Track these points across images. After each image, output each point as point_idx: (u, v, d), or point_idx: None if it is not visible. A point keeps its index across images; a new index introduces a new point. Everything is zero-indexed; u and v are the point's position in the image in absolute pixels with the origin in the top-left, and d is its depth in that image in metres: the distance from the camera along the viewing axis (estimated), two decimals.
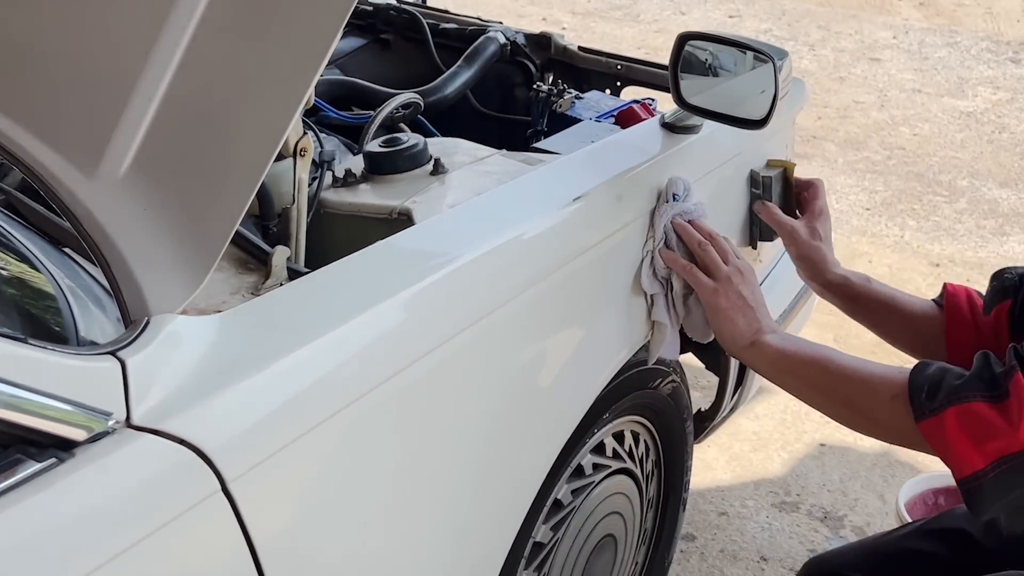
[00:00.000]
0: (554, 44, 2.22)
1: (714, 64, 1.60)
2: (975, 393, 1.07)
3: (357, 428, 0.99)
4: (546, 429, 1.29)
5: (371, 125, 1.69)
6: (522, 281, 1.21)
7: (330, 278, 1.07)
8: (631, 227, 1.41)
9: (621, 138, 1.59)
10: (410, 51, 2.30)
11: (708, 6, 7.53)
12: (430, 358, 1.06)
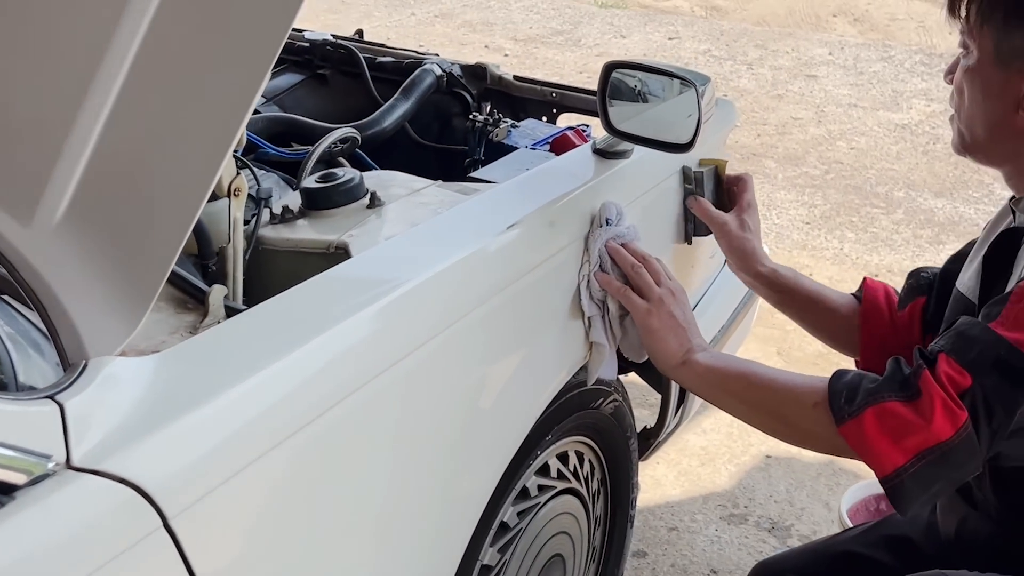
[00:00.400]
0: (489, 74, 2.27)
1: (643, 91, 1.65)
2: (890, 394, 1.12)
3: (298, 460, 1.01)
4: (487, 453, 1.32)
5: (308, 161, 1.72)
6: (460, 308, 1.24)
7: (266, 314, 1.09)
8: (566, 252, 1.45)
9: (554, 165, 1.63)
10: (348, 85, 2.33)
11: (648, 29, 7.65)
12: (368, 389, 1.08)
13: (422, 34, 7.43)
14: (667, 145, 1.52)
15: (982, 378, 1.09)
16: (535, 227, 1.39)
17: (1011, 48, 1.21)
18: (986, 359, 1.10)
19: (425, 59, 2.30)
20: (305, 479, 1.03)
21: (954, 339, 1.14)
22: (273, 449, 0.97)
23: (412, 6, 8.36)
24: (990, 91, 1.25)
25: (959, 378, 1.10)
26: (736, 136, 5.17)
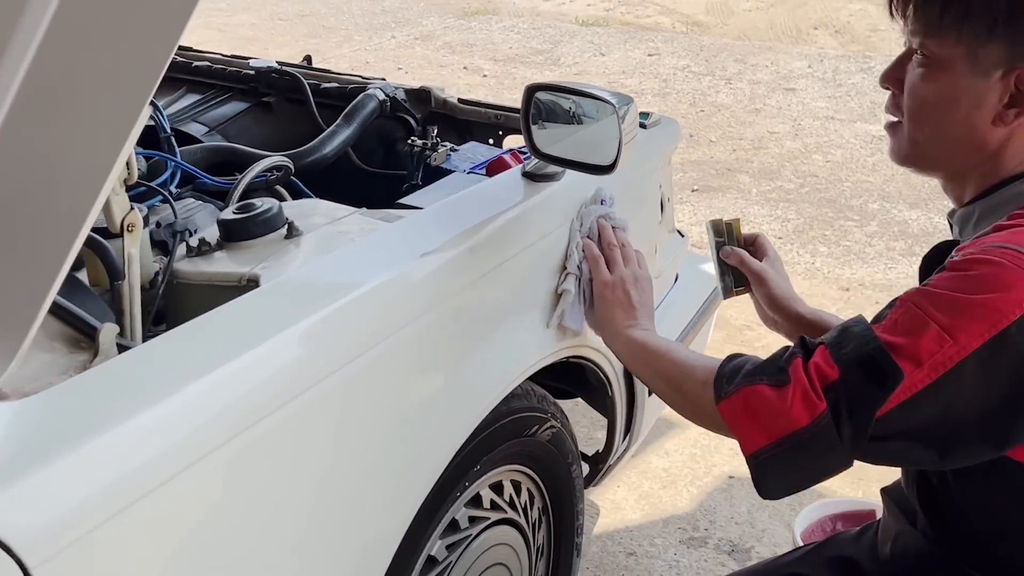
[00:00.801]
0: (434, 98, 2.25)
1: (578, 112, 1.62)
2: (763, 377, 1.14)
3: (177, 504, 0.98)
4: (401, 488, 1.28)
5: (235, 191, 1.69)
6: (365, 341, 1.21)
7: (152, 352, 1.06)
8: (487, 279, 1.42)
9: (480, 189, 1.60)
10: (293, 112, 2.31)
11: (628, 46, 7.65)
12: (257, 429, 1.05)
13: (401, 57, 7.42)
14: (590, 167, 1.50)
15: (848, 374, 1.08)
16: (452, 254, 1.36)
17: (991, 56, 1.14)
18: (856, 356, 1.09)
19: (369, 84, 2.28)
20: (184, 525, 1.00)
21: (838, 333, 1.14)
22: (150, 494, 0.94)
23: (392, 29, 8.36)
24: (961, 101, 1.18)
25: (828, 370, 1.09)
26: (712, 151, 5.16)
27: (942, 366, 1.04)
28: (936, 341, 1.05)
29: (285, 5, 9.38)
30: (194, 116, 2.31)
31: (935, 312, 1.06)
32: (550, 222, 1.57)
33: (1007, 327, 1.03)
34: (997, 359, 1.04)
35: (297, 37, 8.16)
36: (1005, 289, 1.04)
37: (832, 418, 1.07)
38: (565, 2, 9.47)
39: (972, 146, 1.20)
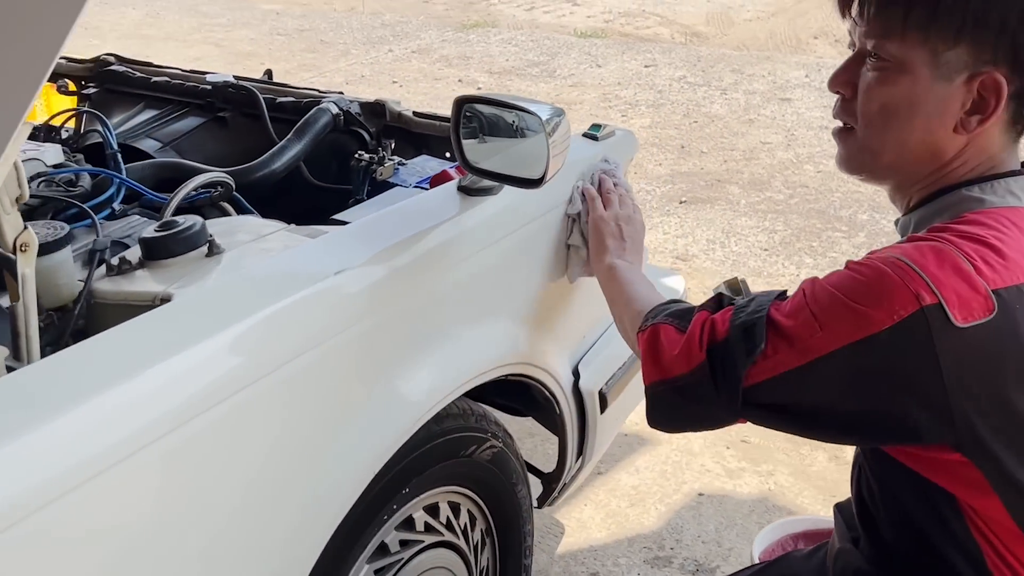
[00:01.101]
0: (388, 111, 2.21)
1: (521, 126, 1.59)
2: (671, 320, 1.24)
3: (61, 530, 0.94)
4: (305, 515, 1.24)
5: (167, 208, 1.66)
6: (270, 361, 1.17)
7: (37, 374, 1.03)
8: (410, 296, 1.39)
9: (412, 204, 1.56)
10: (248, 127, 2.28)
11: (625, 58, 7.63)
12: (144, 454, 1.01)
13: (397, 70, 7.42)
14: (520, 180, 1.46)
15: (731, 334, 1.13)
16: (369, 270, 1.33)
17: (954, 61, 1.10)
18: (744, 323, 1.13)
19: (324, 98, 2.25)
20: (69, 553, 0.96)
21: (750, 299, 1.18)
22: (21, 521, 0.91)
23: (390, 43, 8.37)
24: (923, 107, 1.14)
25: (720, 330, 1.15)
26: (702, 163, 5.11)
27: (810, 352, 1.07)
28: (807, 326, 1.07)
29: (285, 20, 9.41)
30: (149, 132, 2.28)
31: (814, 303, 1.08)
32: (485, 237, 1.53)
33: (875, 334, 1.03)
34: (861, 362, 1.04)
35: (295, 52, 8.16)
36: (880, 298, 1.03)
37: (710, 372, 1.14)
38: (565, 14, 9.47)
39: (929, 153, 1.17)
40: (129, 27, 9.14)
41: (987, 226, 1.08)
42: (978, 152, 1.15)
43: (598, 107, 6.23)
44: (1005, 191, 1.13)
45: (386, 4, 10.09)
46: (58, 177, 1.79)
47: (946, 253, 1.03)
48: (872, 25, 1.15)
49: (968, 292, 1.01)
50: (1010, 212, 1.12)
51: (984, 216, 1.11)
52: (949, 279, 1.01)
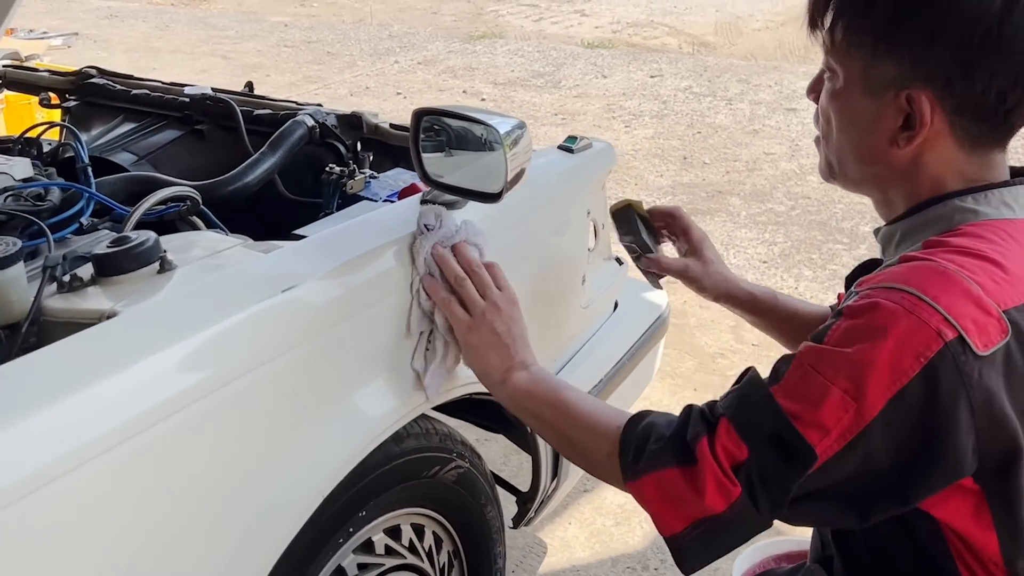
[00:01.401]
0: (365, 123, 2.18)
1: (488, 139, 1.55)
2: (670, 459, 1.08)
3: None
4: (246, 540, 1.20)
5: (127, 223, 1.63)
6: (209, 383, 1.14)
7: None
8: (364, 316, 1.35)
9: (371, 218, 1.53)
10: (224, 140, 2.25)
11: (631, 68, 7.59)
12: (77, 474, 0.98)
13: (402, 82, 7.41)
14: (478, 194, 1.42)
15: (758, 452, 1.02)
16: (321, 288, 1.29)
17: (881, 77, 1.09)
18: (763, 431, 1.03)
19: (301, 110, 2.22)
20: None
21: (737, 402, 1.07)
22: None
23: (397, 54, 8.37)
24: (860, 122, 1.13)
25: (735, 450, 1.04)
26: (704, 174, 5.07)
27: (850, 431, 0.99)
28: (840, 407, 0.99)
29: (293, 32, 9.44)
30: (126, 145, 2.26)
31: (835, 375, 1.00)
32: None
33: (908, 383, 0.97)
34: (901, 417, 0.98)
35: (301, 63, 8.17)
36: (903, 345, 0.97)
37: (748, 496, 1.02)
38: (573, 25, 9.46)
39: (880, 166, 1.14)
40: (138, 40, 9.18)
41: (986, 240, 1.05)
42: (939, 166, 1.11)
43: (602, 118, 6.20)
44: (999, 202, 1.09)
45: (395, 15, 10.11)
46: (26, 191, 1.76)
47: (951, 276, 1.00)
48: (823, 39, 1.14)
49: (983, 317, 0.98)
50: (1006, 224, 1.08)
51: (980, 229, 1.07)
52: (963, 306, 0.98)
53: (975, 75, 1.03)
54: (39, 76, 2.67)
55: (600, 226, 2.01)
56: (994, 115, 1.06)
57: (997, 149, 1.11)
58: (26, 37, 6.82)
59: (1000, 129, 1.08)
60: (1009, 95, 1.04)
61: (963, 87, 1.05)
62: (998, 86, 1.04)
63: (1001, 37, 1.02)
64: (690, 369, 3.09)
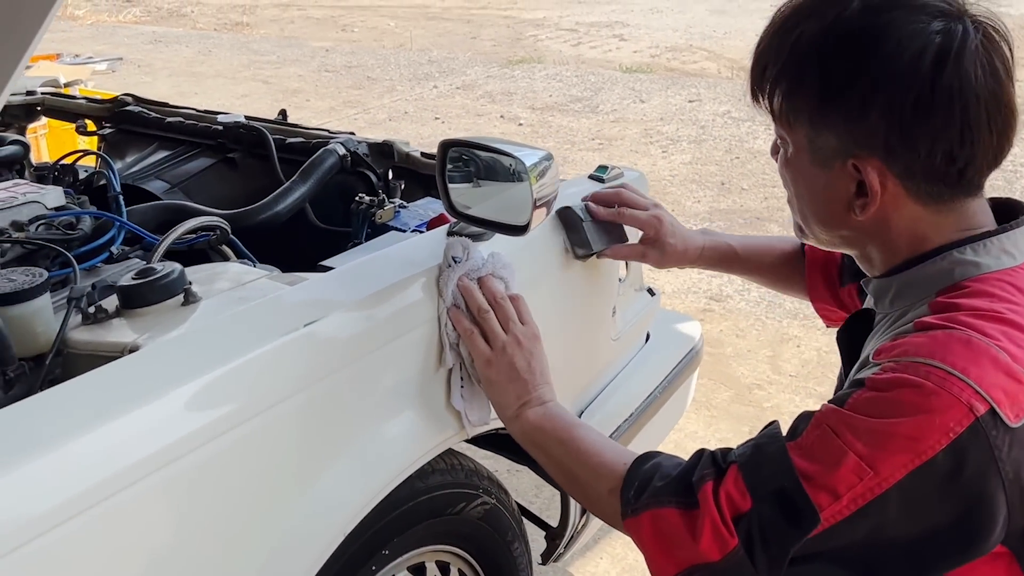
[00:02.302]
0: (396, 152, 2.18)
1: (518, 170, 1.54)
2: (671, 498, 1.06)
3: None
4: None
5: (155, 254, 1.63)
6: (229, 419, 1.12)
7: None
8: (389, 349, 1.33)
9: (398, 250, 1.51)
10: (256, 168, 2.26)
11: (669, 92, 7.57)
12: (98, 509, 0.97)
13: (441, 106, 7.43)
14: (503, 227, 1.40)
15: (761, 506, 1.00)
16: (341, 322, 1.28)
17: (825, 147, 1.06)
18: (770, 486, 1.00)
19: (333, 138, 2.22)
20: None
21: (751, 452, 1.05)
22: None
23: (436, 79, 8.41)
24: (815, 190, 1.11)
25: (739, 500, 1.01)
26: (743, 200, 5.02)
27: (862, 498, 0.96)
28: (855, 473, 0.95)
29: (334, 57, 9.52)
30: (159, 173, 2.27)
31: (854, 440, 0.97)
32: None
33: (933, 457, 0.93)
34: (922, 490, 0.94)
35: (341, 88, 8.24)
36: (929, 417, 0.93)
37: (745, 551, 1.00)
38: (611, 49, 9.46)
39: (845, 229, 1.12)
40: (181, 64, 9.30)
41: (996, 297, 1.01)
42: (910, 224, 1.08)
43: (639, 143, 6.17)
44: (999, 251, 1.05)
45: (434, 40, 10.16)
46: (57, 220, 1.77)
47: (977, 345, 0.96)
48: (766, 113, 1.13)
49: (1013, 386, 0.94)
50: (1009, 275, 1.04)
51: (986, 285, 1.03)
52: (992, 377, 0.94)
53: (915, 141, 1.01)
54: (76, 103, 2.70)
55: None
56: (947, 176, 1.03)
57: (970, 200, 1.07)
58: (71, 62, 6.92)
59: (959, 186, 1.05)
60: (958, 155, 1.01)
61: (905, 154, 1.02)
62: (943, 149, 1.01)
63: (935, 99, 0.99)
64: (726, 400, 3.04)
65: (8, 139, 2.19)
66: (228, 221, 1.79)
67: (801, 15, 1.07)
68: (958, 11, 1.01)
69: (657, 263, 1.59)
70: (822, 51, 1.03)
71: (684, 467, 1.08)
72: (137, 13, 12.35)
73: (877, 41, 1.00)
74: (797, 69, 1.06)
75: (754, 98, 1.14)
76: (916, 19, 1.00)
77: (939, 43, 0.98)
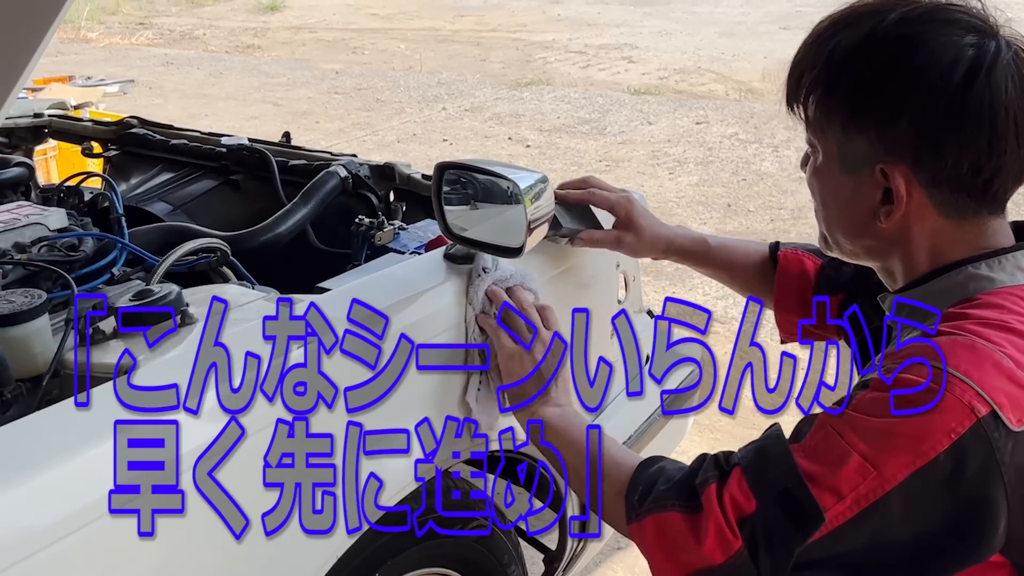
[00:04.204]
0: (398, 174, 2.19)
1: (514, 192, 1.54)
2: (675, 502, 1.06)
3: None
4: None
5: (154, 275, 1.64)
6: (224, 441, 1.13)
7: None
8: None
9: (395, 272, 1.52)
10: (258, 190, 2.28)
11: (677, 115, 7.59)
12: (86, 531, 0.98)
13: (449, 128, 7.47)
14: (500, 249, 1.41)
15: (765, 508, 1.00)
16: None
17: (855, 153, 1.07)
18: (774, 488, 1.00)
19: (335, 161, 2.23)
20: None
21: (755, 455, 1.05)
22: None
23: (444, 101, 8.44)
24: (842, 197, 1.12)
25: (743, 502, 1.01)
26: (748, 222, 5.03)
27: (865, 499, 0.96)
28: (858, 472, 0.96)
29: (343, 79, 9.56)
30: (162, 194, 2.28)
31: (857, 440, 0.97)
32: (468, 307, 1.48)
33: (935, 457, 0.93)
34: (924, 491, 0.95)
35: (350, 110, 8.28)
36: (930, 417, 0.94)
37: (749, 553, 1.00)
38: (620, 71, 9.48)
39: (869, 239, 1.13)
40: (192, 87, 9.37)
41: (1006, 309, 1.02)
42: (931, 237, 1.09)
43: (646, 164, 6.19)
44: (1014, 267, 1.07)
45: (444, 63, 10.21)
46: (60, 242, 1.78)
47: (981, 350, 0.97)
48: (801, 120, 1.14)
49: (1016, 391, 0.95)
50: (1022, 290, 1.05)
51: (998, 297, 1.04)
52: (995, 380, 0.95)
53: (943, 149, 1.02)
54: (83, 126, 2.72)
55: (631, 279, 1.98)
56: (973, 187, 1.04)
57: (992, 217, 1.08)
58: (83, 84, 6.99)
59: (984, 199, 1.06)
60: (984, 166, 1.02)
61: (933, 162, 1.03)
62: (970, 159, 1.02)
63: (966, 108, 1.00)
64: (729, 423, 3.03)
65: (13, 161, 2.21)
66: (229, 243, 1.80)
67: (839, 26, 1.09)
68: (991, 29, 1.04)
69: (632, 249, 1.56)
70: (857, 58, 1.05)
71: (688, 470, 1.08)
72: (150, 35, 12.45)
73: (911, 50, 1.02)
74: (832, 75, 1.07)
75: (789, 106, 1.14)
76: (950, 32, 1.02)
77: (972, 55, 1.00)
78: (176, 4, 14.73)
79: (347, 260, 2.02)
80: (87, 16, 12.78)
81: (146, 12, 14.04)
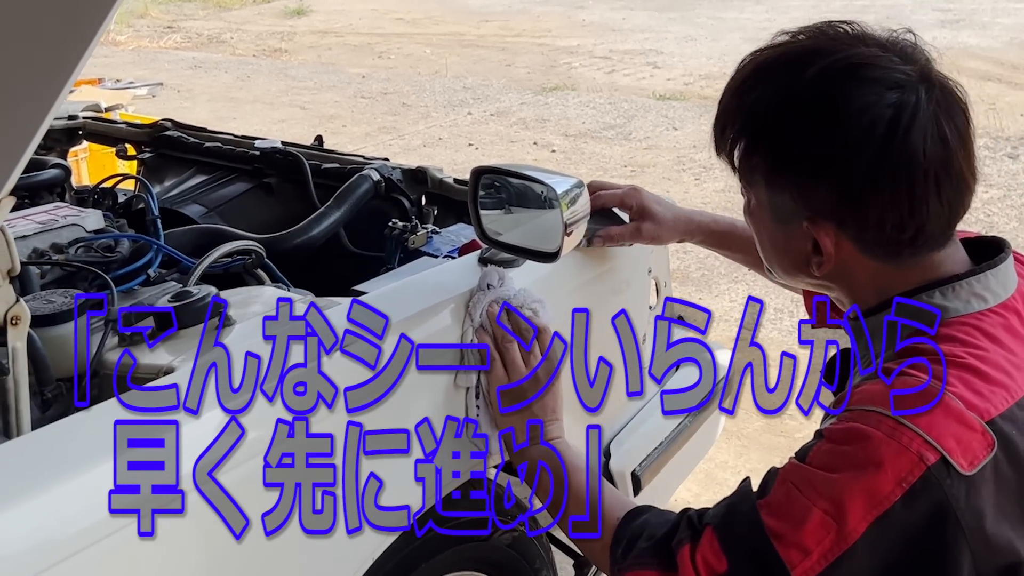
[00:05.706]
0: (430, 178, 2.20)
1: (549, 196, 1.55)
2: (652, 560, 1.08)
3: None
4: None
5: (191, 277, 1.65)
6: (257, 443, 1.14)
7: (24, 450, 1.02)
8: (418, 375, 1.34)
9: (429, 276, 1.53)
10: (292, 193, 2.29)
11: (702, 120, 7.55)
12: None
13: (474, 133, 7.48)
14: (536, 254, 1.41)
15: (736, 567, 1.01)
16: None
17: (783, 206, 1.08)
18: (743, 547, 1.01)
19: (368, 164, 2.24)
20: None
21: (724, 513, 1.06)
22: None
23: (470, 105, 8.45)
24: (777, 243, 1.13)
25: (715, 562, 1.02)
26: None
27: (832, 553, 0.96)
28: (822, 527, 0.96)
29: (370, 83, 9.59)
30: (196, 197, 2.30)
31: (816, 497, 0.97)
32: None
33: (891, 507, 0.94)
34: (887, 540, 0.96)
35: (377, 114, 8.30)
36: (882, 468, 0.94)
37: None
38: (645, 77, 9.46)
39: (808, 279, 1.14)
40: (220, 90, 9.43)
41: (960, 342, 1.01)
42: (871, 279, 1.08)
43: (672, 170, 6.18)
44: (968, 294, 1.05)
45: (469, 67, 10.22)
46: (96, 243, 1.80)
47: (930, 392, 0.96)
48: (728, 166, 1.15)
49: (966, 434, 0.95)
50: (977, 320, 1.04)
51: (953, 330, 1.03)
52: (944, 425, 0.94)
53: (864, 210, 1.02)
54: (117, 128, 2.74)
55: (663, 284, 1.98)
56: (899, 243, 1.04)
57: (934, 253, 1.07)
58: (112, 87, 7.03)
59: (912, 248, 1.05)
60: (908, 225, 1.02)
61: (856, 222, 1.03)
62: (892, 220, 1.02)
63: (882, 171, 1.00)
64: (756, 430, 3.03)
65: (50, 162, 2.24)
66: (264, 245, 1.81)
67: (758, 77, 1.08)
68: (916, 77, 1.01)
69: (653, 236, 1.55)
70: (776, 116, 1.05)
71: (667, 528, 1.09)
72: (178, 39, 12.54)
73: (828, 113, 1.01)
74: (753, 131, 1.07)
75: (717, 153, 1.14)
76: (869, 91, 1.00)
77: (890, 116, 0.98)
78: (204, 8, 14.82)
79: (380, 263, 2.03)
80: (116, 19, 12.88)
81: (174, 16, 14.12)
